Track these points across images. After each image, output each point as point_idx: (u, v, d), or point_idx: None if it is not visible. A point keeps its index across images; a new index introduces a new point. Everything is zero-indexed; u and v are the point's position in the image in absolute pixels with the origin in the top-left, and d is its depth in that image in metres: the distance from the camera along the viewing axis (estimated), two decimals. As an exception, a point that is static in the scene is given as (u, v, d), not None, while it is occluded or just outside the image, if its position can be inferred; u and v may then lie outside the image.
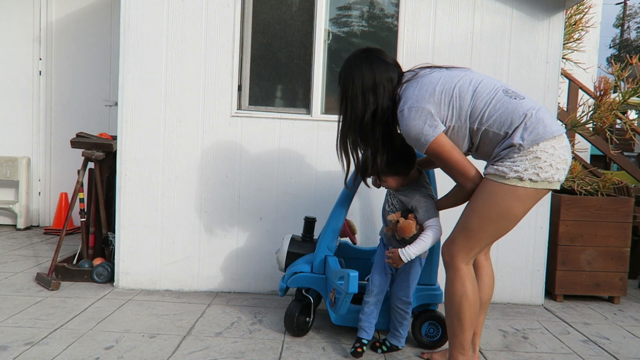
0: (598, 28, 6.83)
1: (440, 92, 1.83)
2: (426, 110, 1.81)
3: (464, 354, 1.92)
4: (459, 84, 1.84)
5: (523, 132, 1.75)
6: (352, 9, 3.07)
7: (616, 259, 3.18)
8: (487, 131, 1.81)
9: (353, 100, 1.93)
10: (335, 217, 2.37)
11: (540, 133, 1.75)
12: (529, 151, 1.75)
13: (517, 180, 1.76)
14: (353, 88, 1.93)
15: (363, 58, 1.95)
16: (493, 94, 1.82)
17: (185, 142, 2.99)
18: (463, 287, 1.86)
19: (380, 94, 1.90)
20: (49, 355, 2.08)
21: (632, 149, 6.60)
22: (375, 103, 1.91)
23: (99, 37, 4.69)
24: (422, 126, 1.81)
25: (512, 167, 1.75)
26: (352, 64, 1.96)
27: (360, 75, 1.92)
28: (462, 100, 1.82)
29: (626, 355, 2.37)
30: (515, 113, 1.78)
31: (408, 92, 1.87)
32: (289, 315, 2.38)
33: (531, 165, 1.74)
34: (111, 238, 3.20)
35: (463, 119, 1.83)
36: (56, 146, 4.76)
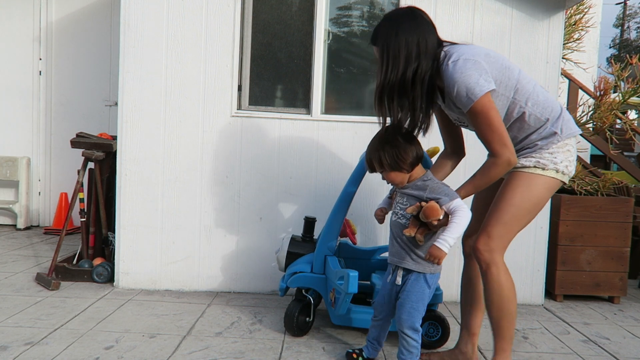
0: (598, 28, 6.83)
1: (493, 56, 1.80)
2: (482, 66, 1.75)
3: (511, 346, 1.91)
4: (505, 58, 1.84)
5: (562, 124, 1.81)
6: (352, 9, 3.07)
7: (616, 259, 3.18)
8: (530, 114, 1.81)
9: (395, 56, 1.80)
10: (335, 217, 2.37)
11: (572, 128, 1.83)
12: (563, 143, 1.81)
13: (554, 172, 1.81)
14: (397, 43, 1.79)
15: (407, 13, 1.85)
16: (534, 81, 1.86)
17: (185, 142, 2.99)
18: (508, 279, 1.86)
19: (422, 52, 1.79)
20: (49, 355, 2.08)
21: (632, 149, 6.60)
22: (417, 61, 1.79)
23: (99, 37, 4.69)
24: (478, 78, 1.72)
25: (552, 159, 1.80)
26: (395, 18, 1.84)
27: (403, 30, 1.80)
28: (511, 72, 1.81)
29: (626, 355, 2.37)
30: (555, 103, 1.84)
31: (459, 48, 1.80)
32: (288, 315, 2.38)
33: (564, 157, 1.81)
34: (111, 238, 3.20)
35: (509, 90, 1.80)
36: (56, 146, 4.76)
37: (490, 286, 1.87)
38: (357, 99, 3.09)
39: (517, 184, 1.83)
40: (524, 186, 1.82)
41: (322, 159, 3.03)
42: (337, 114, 3.04)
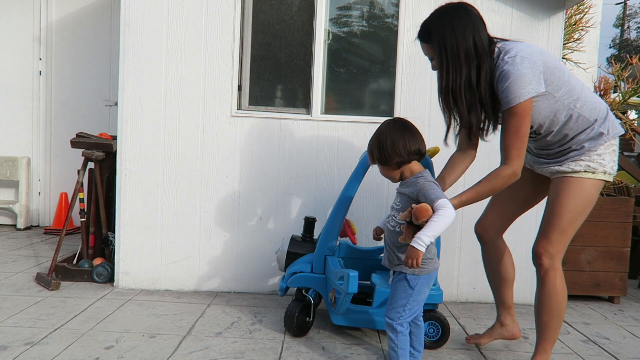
0: (598, 28, 6.81)
1: (547, 56, 1.80)
2: (538, 67, 1.73)
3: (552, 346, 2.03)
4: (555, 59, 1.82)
5: (609, 124, 1.83)
6: (352, 9, 3.07)
7: (616, 259, 3.18)
8: (579, 115, 1.82)
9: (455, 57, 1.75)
10: (335, 217, 2.37)
11: (617, 127, 1.85)
12: (609, 144, 1.83)
13: (602, 174, 1.85)
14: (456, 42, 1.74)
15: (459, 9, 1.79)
16: (581, 82, 1.86)
17: (185, 142, 2.99)
18: (563, 285, 1.94)
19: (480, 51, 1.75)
20: (49, 355, 2.08)
21: (632, 149, 6.59)
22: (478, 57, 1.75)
23: (99, 37, 4.69)
24: (532, 78, 1.69)
25: (601, 162, 1.83)
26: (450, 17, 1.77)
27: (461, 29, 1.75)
28: (562, 72, 1.81)
29: (626, 355, 2.37)
30: (601, 104, 1.84)
31: (515, 45, 1.77)
32: (288, 315, 2.38)
33: (611, 158, 1.84)
34: (111, 238, 3.19)
35: (559, 91, 1.79)
36: (56, 146, 4.76)
37: (546, 290, 1.94)
38: (357, 99, 3.09)
39: (572, 189, 1.87)
40: (578, 191, 1.87)
41: (322, 159, 3.03)
42: (337, 114, 3.04)
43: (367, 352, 2.26)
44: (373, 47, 3.10)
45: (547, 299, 1.94)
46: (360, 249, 2.66)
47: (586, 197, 1.87)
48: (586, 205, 1.89)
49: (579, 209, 1.88)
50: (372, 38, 3.09)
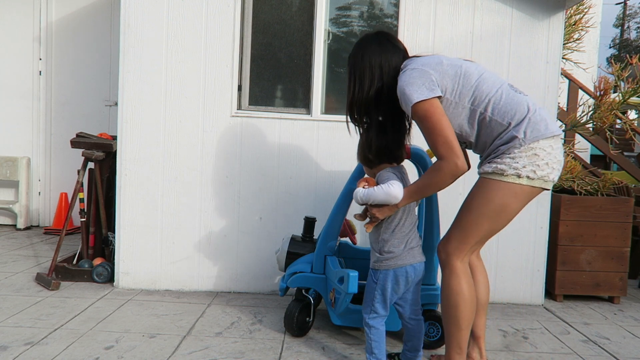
0: (598, 28, 6.83)
1: (447, 65, 1.85)
2: (428, 74, 1.81)
3: (461, 354, 1.90)
4: (465, 65, 1.87)
5: (526, 127, 1.76)
6: (352, 9, 3.07)
7: (616, 259, 3.18)
8: (490, 119, 1.81)
9: (360, 75, 1.96)
10: (335, 217, 2.36)
11: (541, 130, 1.76)
12: (529, 147, 1.76)
13: (515, 177, 1.76)
14: (362, 64, 1.96)
15: (374, 38, 2.00)
16: (499, 84, 1.84)
17: (185, 142, 2.99)
18: (459, 285, 1.85)
19: (385, 72, 1.93)
20: (49, 355, 2.08)
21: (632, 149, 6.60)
22: (381, 81, 1.93)
23: (99, 37, 4.69)
24: (420, 85, 1.79)
25: (512, 164, 1.76)
26: (362, 43, 2.00)
27: (368, 53, 1.96)
28: (467, 79, 1.83)
29: (626, 355, 2.37)
30: (521, 105, 1.79)
31: (415, 60, 1.90)
32: (288, 315, 2.38)
33: (529, 162, 1.75)
34: (111, 238, 3.20)
35: (465, 98, 1.82)
36: (56, 146, 4.76)
37: (441, 287, 1.91)
38: (357, 99, 3.09)
39: (477, 189, 1.85)
40: (482, 192, 1.82)
41: (322, 159, 3.03)
42: (337, 114, 3.04)
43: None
44: (373, 47, 3.09)
45: (442, 296, 1.90)
46: (360, 249, 2.66)
47: (490, 199, 1.79)
48: (492, 208, 1.79)
49: (482, 210, 1.81)
50: (372, 38, 3.09)
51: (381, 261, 1.93)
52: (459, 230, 1.86)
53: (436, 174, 1.78)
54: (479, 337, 2.05)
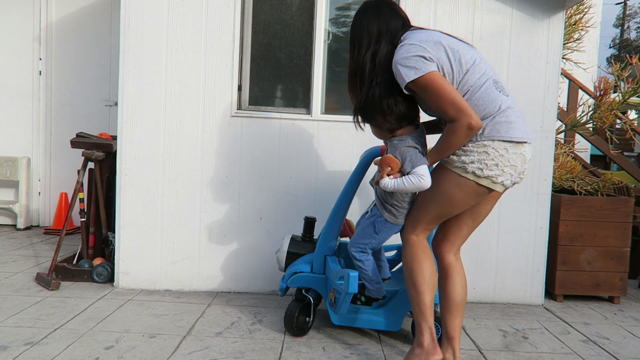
0: (598, 28, 6.83)
1: (445, 46, 1.85)
2: (426, 50, 1.81)
3: (425, 320, 1.96)
4: (462, 52, 1.86)
5: (487, 124, 1.80)
6: (352, 9, 3.07)
7: (616, 259, 3.18)
8: None
9: (358, 42, 1.99)
10: (335, 217, 2.37)
11: (500, 131, 1.79)
12: (481, 144, 1.80)
13: (462, 170, 1.83)
14: (360, 30, 1.98)
15: (373, 4, 2.01)
16: (485, 79, 1.85)
17: (185, 142, 2.99)
18: (414, 253, 1.98)
19: (383, 36, 1.95)
20: (49, 355, 2.08)
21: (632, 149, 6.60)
22: (377, 44, 1.95)
23: (99, 37, 4.69)
24: (417, 60, 1.79)
25: (461, 156, 1.82)
26: (362, 9, 2.03)
27: (366, 19, 1.98)
28: (459, 67, 1.84)
29: (626, 355, 2.37)
30: (493, 104, 1.81)
31: (413, 34, 1.89)
32: (288, 315, 2.38)
33: (478, 159, 1.80)
34: (111, 238, 3.20)
35: (455, 81, 1.84)
36: (56, 146, 4.76)
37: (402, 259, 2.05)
38: (357, 99, 3.09)
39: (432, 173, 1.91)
40: (434, 176, 1.89)
41: (322, 159, 3.03)
42: (337, 114, 3.04)
43: (367, 352, 2.26)
44: (373, 47, 3.09)
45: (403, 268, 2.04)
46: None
47: (440, 187, 1.88)
48: (440, 195, 1.88)
49: (431, 194, 1.90)
50: (372, 38, 3.09)
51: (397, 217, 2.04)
52: (414, 209, 2.00)
53: (452, 136, 1.79)
54: (453, 337, 2.00)
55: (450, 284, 2.00)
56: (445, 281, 2.03)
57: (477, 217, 2.01)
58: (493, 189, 1.84)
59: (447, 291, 2.01)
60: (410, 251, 2.00)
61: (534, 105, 3.01)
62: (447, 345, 2.01)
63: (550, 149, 3.03)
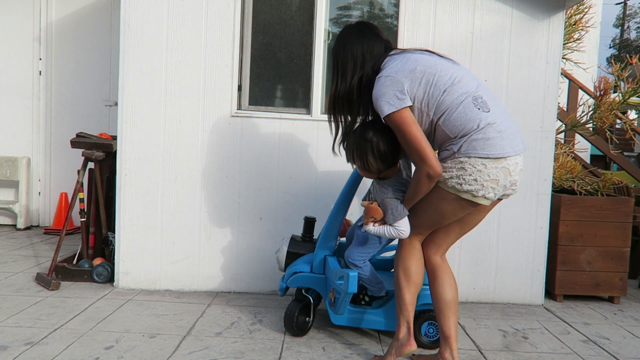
0: (598, 28, 6.83)
1: (420, 72, 1.89)
2: (400, 83, 1.87)
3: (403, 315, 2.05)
4: (440, 74, 1.89)
5: (464, 142, 1.84)
6: (352, 9, 3.07)
7: (616, 259, 3.18)
8: (442, 130, 1.89)
9: (343, 66, 2.03)
10: (335, 217, 2.36)
11: (476, 148, 1.82)
12: (458, 160, 1.85)
13: (444, 184, 1.89)
14: (343, 55, 2.03)
15: (354, 28, 2.06)
16: (462, 98, 1.87)
17: (185, 142, 2.99)
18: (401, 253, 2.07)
19: (367, 61, 2.00)
20: (49, 355, 2.08)
21: (632, 149, 6.60)
22: (362, 69, 2.00)
23: (99, 37, 4.69)
24: (391, 95, 1.86)
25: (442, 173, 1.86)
26: (344, 34, 2.07)
27: (350, 44, 2.02)
28: (436, 90, 1.88)
29: (626, 355, 2.37)
30: (470, 122, 1.84)
31: (391, 62, 1.95)
32: (288, 315, 2.38)
33: (456, 174, 1.85)
34: (111, 238, 3.20)
35: (431, 107, 1.89)
36: (56, 146, 4.76)
37: None
38: (357, 99, 3.09)
39: None
40: None
41: (322, 159, 3.03)
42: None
43: (367, 352, 2.26)
44: (373, 47, 3.09)
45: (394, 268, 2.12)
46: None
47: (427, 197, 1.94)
48: (427, 204, 1.95)
49: (422, 204, 1.97)
50: (372, 38, 3.09)
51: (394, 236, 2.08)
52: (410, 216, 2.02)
53: (417, 184, 1.91)
54: (449, 336, 2.01)
55: (438, 285, 2.05)
56: (433, 282, 2.07)
57: (466, 227, 2.06)
58: (476, 202, 1.88)
59: (436, 292, 2.05)
60: (400, 251, 2.09)
61: (534, 105, 3.01)
62: (445, 344, 2.02)
63: (550, 149, 3.03)
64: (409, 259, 2.05)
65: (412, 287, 2.04)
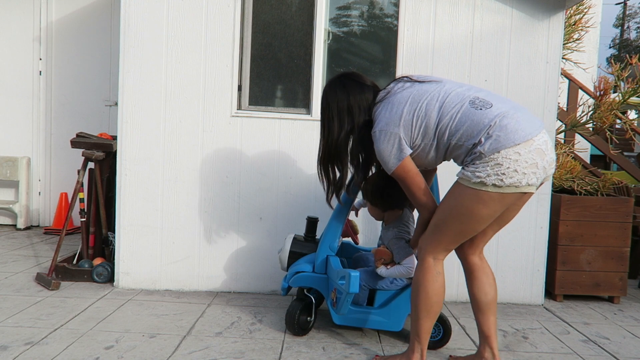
0: (598, 28, 6.84)
1: (407, 112, 1.90)
2: (395, 135, 1.90)
3: (419, 342, 1.99)
4: (426, 101, 1.89)
5: (485, 142, 1.79)
6: (352, 9, 3.07)
7: (616, 259, 3.18)
8: (456, 144, 1.87)
9: (330, 123, 2.06)
10: (337, 217, 2.37)
11: (501, 142, 1.77)
12: (490, 158, 1.78)
13: (481, 184, 1.80)
14: (329, 111, 2.06)
15: (337, 82, 2.08)
16: (459, 107, 1.85)
17: (185, 142, 2.99)
18: (424, 277, 1.95)
19: (355, 114, 2.02)
20: (49, 355, 2.08)
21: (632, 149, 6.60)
22: (352, 123, 2.02)
23: (99, 37, 4.69)
24: (390, 150, 1.91)
25: (475, 172, 1.80)
26: (327, 89, 2.10)
27: (335, 99, 2.05)
28: (429, 119, 1.88)
29: (626, 355, 2.37)
30: (479, 124, 1.81)
31: (380, 113, 1.96)
32: (290, 314, 2.38)
33: (493, 171, 1.77)
34: (111, 238, 3.19)
35: (430, 136, 1.90)
36: (56, 146, 4.76)
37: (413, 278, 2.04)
38: (357, 99, 3.09)
39: (450, 191, 1.92)
40: (453, 194, 1.89)
41: (322, 159, 3.02)
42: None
43: (367, 352, 2.26)
44: (373, 47, 3.10)
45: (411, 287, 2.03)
46: (363, 249, 2.66)
47: (459, 203, 1.85)
48: (460, 211, 1.85)
49: (449, 210, 1.88)
50: (372, 38, 3.09)
51: None
52: (433, 229, 1.95)
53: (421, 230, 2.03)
54: (489, 336, 2.04)
55: (478, 286, 2.05)
56: (471, 282, 2.07)
57: (503, 222, 2.00)
58: (524, 191, 1.82)
59: (476, 292, 2.05)
60: (422, 274, 1.96)
61: (534, 105, 3.01)
62: (484, 344, 2.06)
63: (550, 149, 3.03)
64: (432, 286, 1.94)
65: (432, 316, 1.96)
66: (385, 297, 2.32)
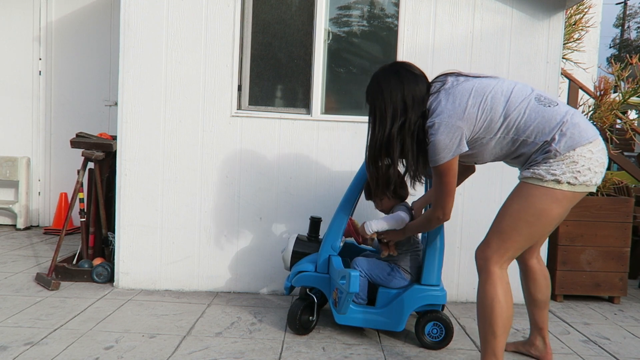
0: (598, 28, 6.83)
1: (472, 105, 1.80)
2: (458, 129, 1.79)
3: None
4: (491, 95, 1.81)
5: (560, 139, 1.75)
6: (352, 9, 3.07)
7: (616, 259, 3.18)
8: (525, 141, 1.81)
9: (382, 115, 1.91)
10: (339, 217, 2.37)
11: (576, 139, 1.75)
12: (565, 156, 1.75)
13: (555, 182, 1.75)
14: (383, 101, 1.90)
15: (391, 71, 1.94)
16: (526, 103, 1.80)
17: (185, 142, 2.99)
18: (494, 290, 1.82)
19: (409, 106, 1.87)
20: (49, 355, 2.07)
21: (632, 149, 6.60)
22: (404, 116, 1.88)
23: (99, 37, 4.69)
24: (448, 143, 1.79)
25: (549, 170, 1.76)
26: (379, 79, 1.95)
27: (388, 88, 1.90)
28: (494, 113, 1.80)
29: (626, 355, 2.37)
30: (551, 121, 1.77)
31: (440, 104, 1.83)
32: (292, 313, 2.39)
33: (569, 169, 1.74)
34: (111, 238, 3.19)
35: (493, 131, 1.82)
36: (56, 146, 4.76)
37: (477, 292, 1.89)
38: (357, 99, 3.09)
39: (516, 193, 1.84)
40: (521, 196, 1.82)
41: (322, 158, 3.03)
42: (337, 114, 3.04)
43: (367, 352, 2.26)
44: (373, 47, 3.10)
45: (477, 303, 1.88)
46: (365, 249, 2.66)
47: (531, 205, 1.78)
48: (532, 213, 1.78)
49: (520, 214, 1.80)
50: (372, 38, 3.09)
51: None
52: (498, 235, 1.84)
53: (426, 222, 2.07)
54: (542, 328, 2.18)
55: (535, 286, 2.13)
56: (529, 283, 2.13)
57: (558, 223, 1.94)
58: (589, 191, 1.81)
59: (532, 292, 2.14)
60: (491, 288, 1.83)
61: (534, 105, 3.00)
62: (536, 334, 2.20)
63: (551, 149, 3.03)
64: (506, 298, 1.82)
65: (507, 330, 1.83)
66: (387, 297, 2.32)
